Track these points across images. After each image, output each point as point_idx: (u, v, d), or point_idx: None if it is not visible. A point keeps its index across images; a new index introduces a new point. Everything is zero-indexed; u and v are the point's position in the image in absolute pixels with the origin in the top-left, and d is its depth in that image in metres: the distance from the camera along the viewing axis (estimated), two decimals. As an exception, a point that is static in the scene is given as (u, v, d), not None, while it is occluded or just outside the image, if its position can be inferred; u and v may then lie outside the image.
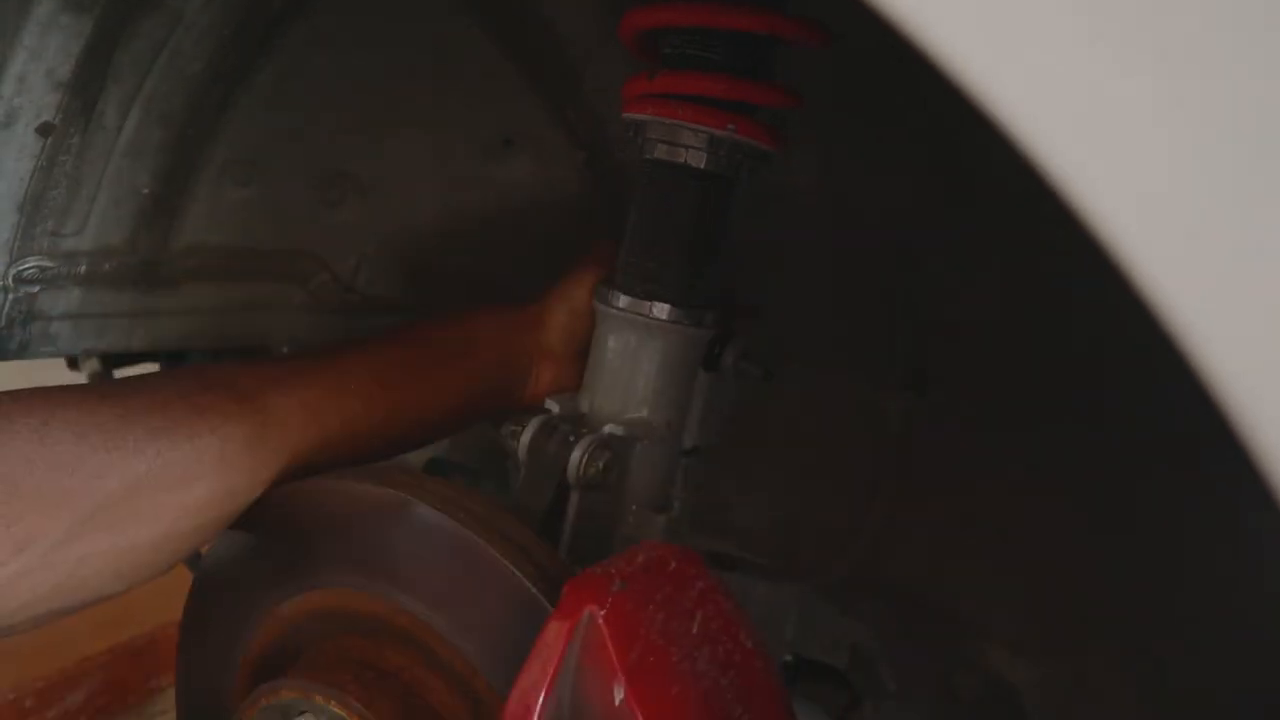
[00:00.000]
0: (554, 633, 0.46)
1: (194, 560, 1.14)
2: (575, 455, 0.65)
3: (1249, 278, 0.23)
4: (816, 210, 0.89)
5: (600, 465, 0.67)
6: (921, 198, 0.84)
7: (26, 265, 0.75)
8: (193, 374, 0.60)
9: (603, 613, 0.45)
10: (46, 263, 0.76)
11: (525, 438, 0.68)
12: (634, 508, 0.72)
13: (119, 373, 1.18)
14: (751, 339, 0.75)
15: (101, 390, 0.55)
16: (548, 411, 0.71)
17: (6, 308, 0.76)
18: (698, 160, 0.65)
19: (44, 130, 0.70)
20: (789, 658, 0.99)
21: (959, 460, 0.90)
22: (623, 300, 0.69)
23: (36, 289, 0.77)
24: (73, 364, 1.16)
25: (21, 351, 0.79)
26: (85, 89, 0.71)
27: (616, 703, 0.44)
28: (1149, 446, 0.75)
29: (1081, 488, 0.81)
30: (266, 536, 0.62)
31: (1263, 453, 0.23)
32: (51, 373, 1.16)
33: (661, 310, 0.68)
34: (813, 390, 0.96)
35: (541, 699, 0.45)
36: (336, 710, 0.54)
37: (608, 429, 0.68)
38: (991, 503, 0.88)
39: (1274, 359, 0.23)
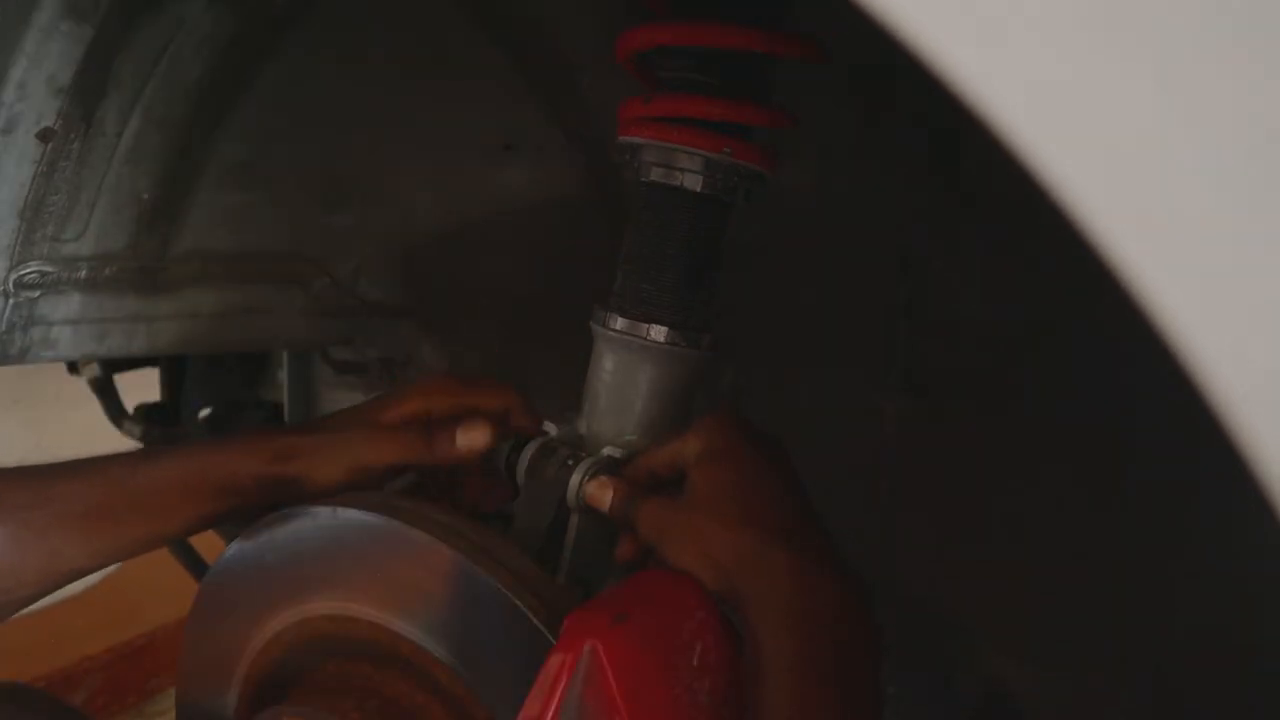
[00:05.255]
0: (556, 666, 0.46)
1: (196, 566, 1.13)
2: (574, 478, 0.64)
3: (1247, 288, 0.23)
4: (815, 209, 0.89)
5: None
6: (920, 196, 0.84)
7: (27, 270, 0.75)
8: None
9: (604, 647, 0.46)
10: (47, 268, 0.76)
11: (524, 461, 0.67)
12: (634, 530, 0.72)
13: (119, 377, 1.18)
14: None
15: None
16: (546, 434, 0.70)
17: (7, 313, 0.76)
18: (694, 184, 0.64)
19: (44, 136, 0.70)
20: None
21: (958, 462, 0.90)
22: (619, 322, 0.68)
23: (37, 294, 0.77)
24: (73, 368, 1.16)
25: (22, 356, 0.79)
26: (85, 95, 0.71)
27: (619, 738, 0.44)
28: (1152, 449, 0.75)
29: (1082, 490, 0.82)
30: (268, 558, 0.62)
31: (1260, 462, 0.24)
32: (52, 375, 1.16)
33: (659, 333, 0.67)
34: (811, 392, 0.96)
35: (545, 733, 0.45)
36: None
37: (606, 451, 0.67)
38: (991, 505, 0.88)
39: (1272, 368, 0.23)
